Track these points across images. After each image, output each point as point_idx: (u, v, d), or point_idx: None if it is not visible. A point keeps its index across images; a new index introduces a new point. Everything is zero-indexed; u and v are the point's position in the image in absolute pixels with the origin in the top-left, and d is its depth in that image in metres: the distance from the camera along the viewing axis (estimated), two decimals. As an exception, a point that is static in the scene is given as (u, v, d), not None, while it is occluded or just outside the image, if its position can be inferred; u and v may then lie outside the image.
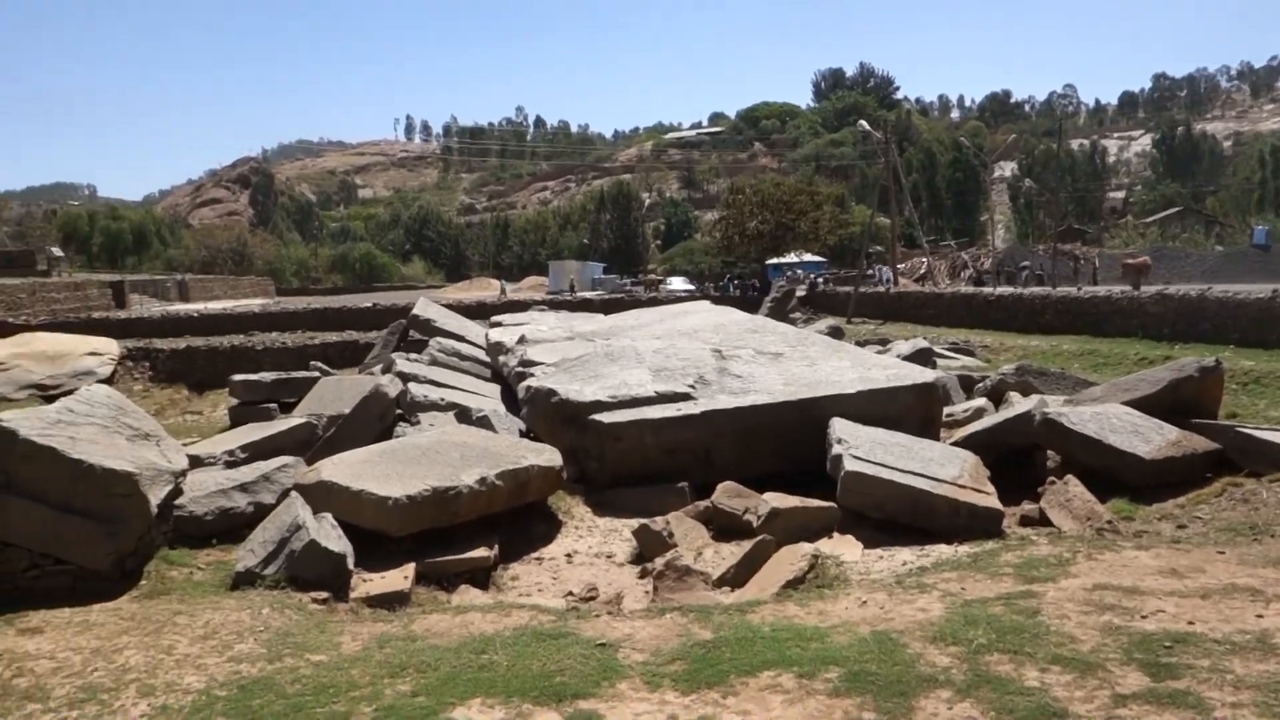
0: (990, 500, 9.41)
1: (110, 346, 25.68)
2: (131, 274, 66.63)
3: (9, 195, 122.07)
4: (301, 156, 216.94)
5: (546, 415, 12.50)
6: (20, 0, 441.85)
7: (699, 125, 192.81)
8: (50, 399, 17.80)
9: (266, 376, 17.31)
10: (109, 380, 22.85)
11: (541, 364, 14.41)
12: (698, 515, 9.99)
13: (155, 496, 8.30)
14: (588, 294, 51.48)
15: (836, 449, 10.25)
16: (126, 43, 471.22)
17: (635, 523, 9.64)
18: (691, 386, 12.64)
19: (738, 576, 8.20)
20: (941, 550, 8.69)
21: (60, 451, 7.81)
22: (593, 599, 8.08)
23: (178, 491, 9.20)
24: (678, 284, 61.62)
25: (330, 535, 8.06)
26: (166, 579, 8.08)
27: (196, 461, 10.56)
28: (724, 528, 9.70)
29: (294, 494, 8.89)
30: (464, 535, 8.98)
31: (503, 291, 65.98)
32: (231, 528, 9.26)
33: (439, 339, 19.34)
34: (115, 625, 6.83)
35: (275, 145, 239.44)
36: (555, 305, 34.97)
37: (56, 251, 58.51)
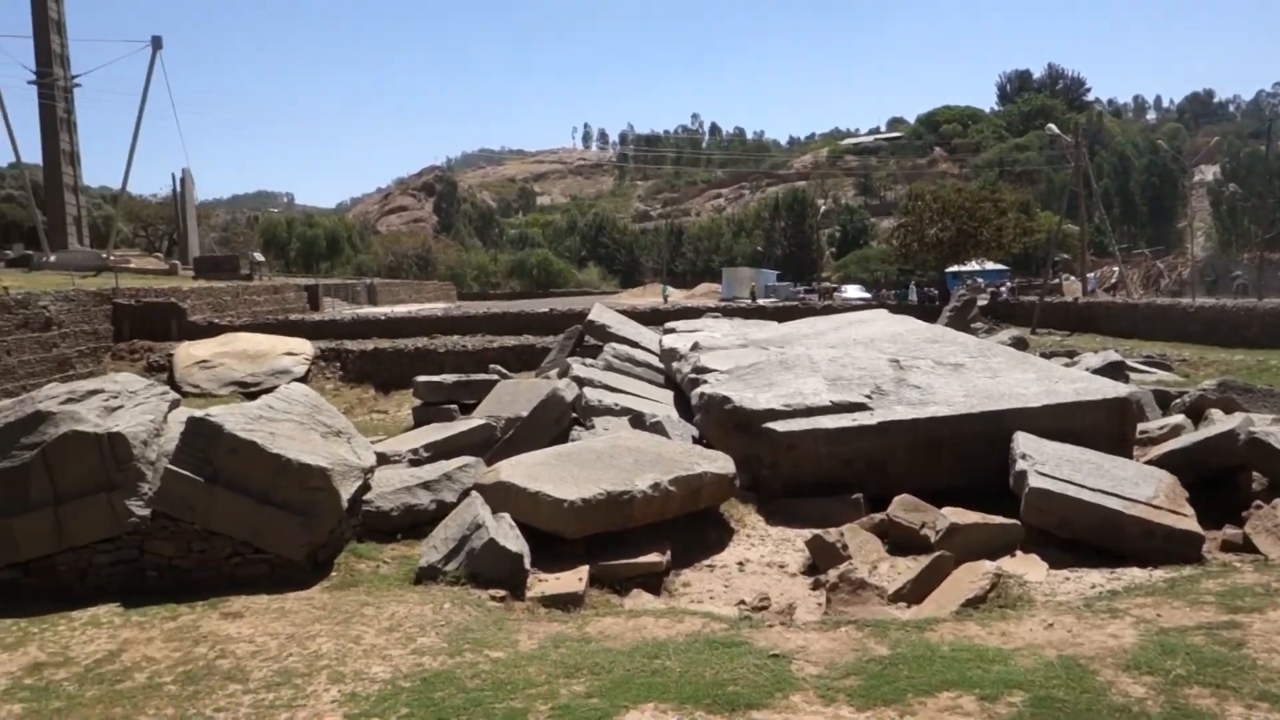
0: (1188, 523, 8.89)
1: (305, 347, 27.12)
2: (325, 278, 70.05)
3: (216, 204, 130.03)
4: (483, 165, 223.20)
5: (720, 422, 12.50)
6: (223, 23, 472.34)
7: (877, 131, 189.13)
8: (250, 395, 18.91)
9: (448, 378, 17.89)
10: (303, 379, 24.12)
11: (715, 371, 14.42)
12: (872, 528, 9.80)
13: (346, 491, 8.70)
14: (762, 301, 51.22)
15: (1021, 464, 9.88)
16: (322, 61, 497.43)
17: (808, 533, 9.53)
18: (868, 396, 12.40)
19: (914, 592, 7.99)
20: (1134, 574, 8.27)
21: (261, 446, 8.28)
22: (765, 609, 8.02)
23: (366, 487, 9.63)
24: (853, 292, 60.59)
25: (508, 535, 8.27)
26: (355, 571, 8.46)
27: (383, 459, 11.03)
28: (900, 542, 9.48)
29: (474, 493, 9.17)
30: (636, 540, 9.08)
31: (665, 296, 66.34)
32: (415, 524, 9.61)
33: (613, 344, 19.60)
34: (308, 613, 7.19)
35: (459, 154, 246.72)
36: (729, 312, 34.85)
37: (258, 256, 61.87)
